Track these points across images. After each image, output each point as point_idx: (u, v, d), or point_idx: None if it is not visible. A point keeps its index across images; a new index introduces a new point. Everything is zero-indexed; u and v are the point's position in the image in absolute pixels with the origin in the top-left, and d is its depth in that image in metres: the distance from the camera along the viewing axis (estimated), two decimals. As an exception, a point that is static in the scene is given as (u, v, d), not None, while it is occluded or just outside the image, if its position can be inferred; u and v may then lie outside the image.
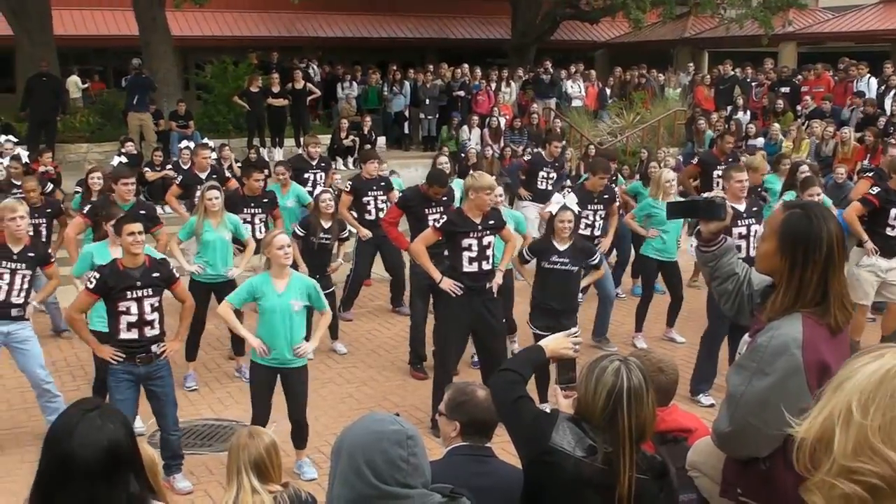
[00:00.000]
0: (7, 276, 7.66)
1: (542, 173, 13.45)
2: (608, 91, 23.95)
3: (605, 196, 10.59)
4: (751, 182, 9.94)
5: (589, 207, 10.41)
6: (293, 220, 10.87)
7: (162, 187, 14.72)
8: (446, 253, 8.11)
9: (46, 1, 20.31)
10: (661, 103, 22.60)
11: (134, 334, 6.80)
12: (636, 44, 30.49)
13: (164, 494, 2.87)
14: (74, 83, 22.92)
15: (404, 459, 2.68)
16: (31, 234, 8.53)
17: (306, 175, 13.07)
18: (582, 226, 10.15)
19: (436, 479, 2.84)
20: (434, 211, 9.47)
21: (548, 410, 3.66)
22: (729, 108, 21.50)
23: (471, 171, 8.39)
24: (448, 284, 7.89)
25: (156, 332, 6.85)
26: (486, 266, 7.97)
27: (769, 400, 3.30)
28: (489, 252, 8.01)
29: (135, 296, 6.80)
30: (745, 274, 3.85)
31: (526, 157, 15.95)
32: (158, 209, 11.49)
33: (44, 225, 10.63)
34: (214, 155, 13.95)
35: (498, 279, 8.21)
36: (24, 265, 7.76)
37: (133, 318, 6.79)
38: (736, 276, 3.84)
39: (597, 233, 10.54)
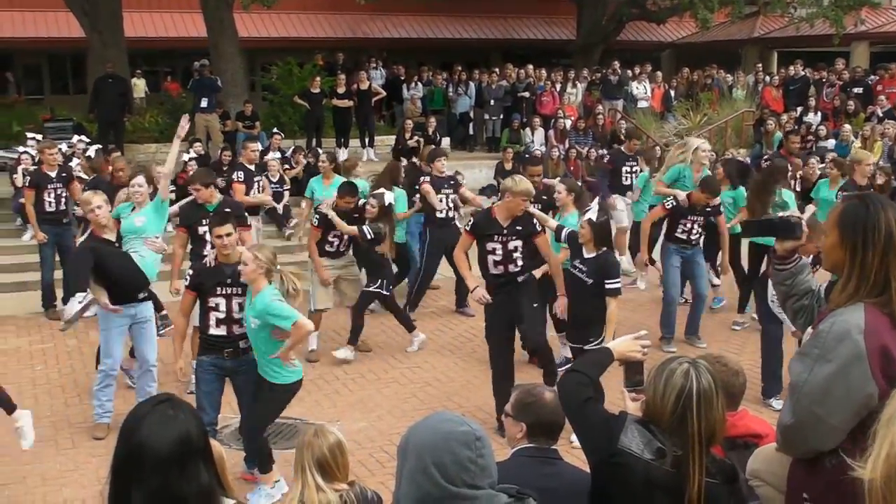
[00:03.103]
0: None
1: (625, 168, 13.70)
2: (673, 92, 23.71)
3: (708, 209, 10.23)
4: (858, 176, 9.85)
5: (689, 217, 10.16)
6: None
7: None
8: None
9: (118, 3, 20.71)
10: (729, 104, 22.26)
11: (222, 331, 6.91)
12: (703, 44, 30.19)
13: (233, 490, 2.89)
14: (140, 85, 23.29)
15: (472, 461, 2.66)
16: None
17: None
18: (679, 230, 10.10)
19: (501, 480, 2.82)
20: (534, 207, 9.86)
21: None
22: (799, 109, 21.12)
23: (513, 176, 8.15)
24: (479, 294, 7.95)
25: (244, 329, 6.87)
26: (512, 269, 7.89)
27: (832, 388, 3.26)
28: (516, 255, 7.88)
29: (224, 292, 6.94)
30: (818, 288, 3.85)
31: (604, 157, 16.00)
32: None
33: None
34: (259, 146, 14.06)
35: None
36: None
37: (221, 315, 6.90)
38: (812, 291, 3.85)
39: (693, 237, 10.27)
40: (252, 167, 12.34)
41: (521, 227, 7.85)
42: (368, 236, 9.72)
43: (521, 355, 9.11)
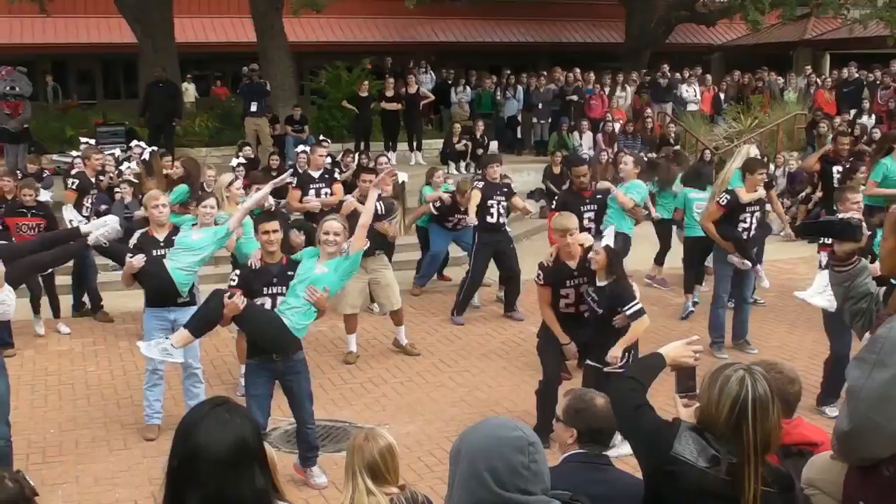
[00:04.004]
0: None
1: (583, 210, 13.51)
2: (723, 95, 23.50)
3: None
4: None
5: (747, 210, 10.06)
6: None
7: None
8: None
9: (169, 9, 20.96)
10: (780, 107, 22.06)
11: None
12: (753, 46, 29.89)
13: (284, 492, 2.90)
14: (190, 90, 23.60)
15: (525, 466, 2.65)
16: None
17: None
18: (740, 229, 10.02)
19: (551, 485, 2.81)
20: (589, 209, 10.31)
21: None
22: (853, 111, 20.81)
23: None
24: (572, 351, 7.83)
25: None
26: (583, 308, 7.67)
27: (891, 394, 3.20)
28: (587, 297, 7.60)
29: (270, 292, 7.04)
30: (877, 292, 3.80)
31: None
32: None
33: None
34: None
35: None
36: (170, 248, 8.06)
37: None
38: (871, 294, 3.79)
39: (752, 233, 10.19)
40: (316, 173, 12.29)
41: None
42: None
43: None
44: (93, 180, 11.83)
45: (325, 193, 12.05)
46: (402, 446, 7.08)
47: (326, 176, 12.31)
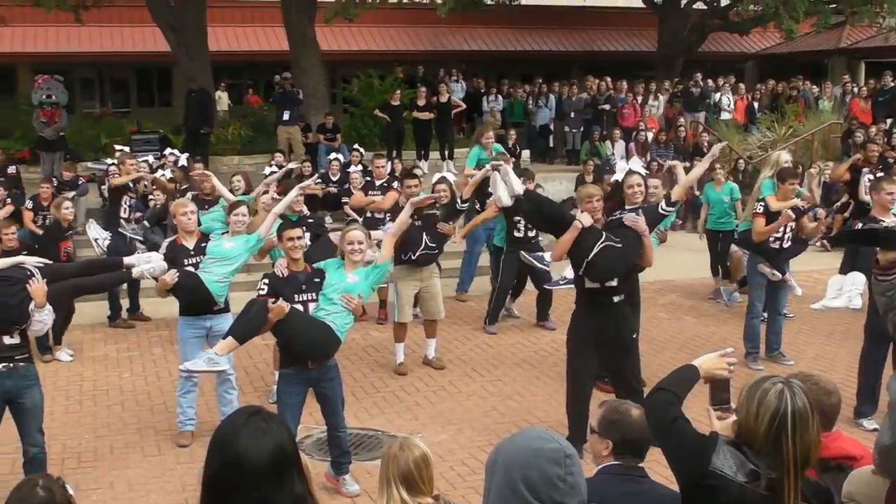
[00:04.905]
0: (192, 269, 7.97)
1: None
2: (757, 104, 23.34)
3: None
4: None
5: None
6: None
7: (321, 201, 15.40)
8: None
9: (203, 18, 21.11)
10: (815, 116, 21.84)
11: None
12: (788, 55, 29.71)
13: (318, 499, 2.90)
14: (223, 98, 23.71)
15: (561, 478, 2.63)
16: None
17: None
18: (771, 239, 9.92)
19: (587, 497, 2.78)
20: None
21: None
22: (889, 120, 20.60)
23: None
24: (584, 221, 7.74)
25: None
26: (609, 284, 7.61)
27: None
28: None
29: (300, 299, 7.03)
30: None
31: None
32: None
33: None
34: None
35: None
36: (202, 256, 8.07)
37: None
38: None
39: (786, 244, 10.10)
40: (378, 182, 12.70)
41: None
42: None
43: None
44: (130, 184, 12.08)
45: None
46: (434, 455, 7.03)
47: (386, 185, 12.56)
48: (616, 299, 7.65)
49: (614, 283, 7.59)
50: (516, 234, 11.35)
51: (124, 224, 11.79)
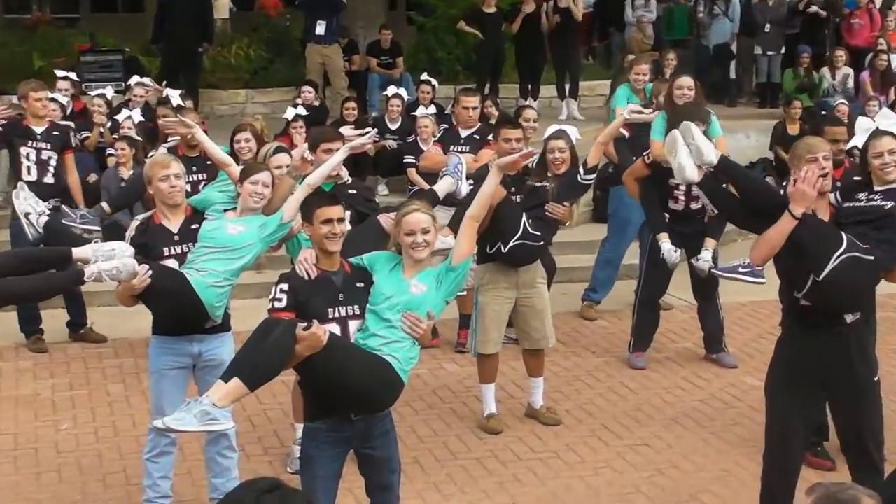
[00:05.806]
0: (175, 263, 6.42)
1: None
2: None
3: None
4: None
5: None
6: None
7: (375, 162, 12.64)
8: None
9: None
10: None
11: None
12: None
13: None
14: (225, 5, 19.54)
15: None
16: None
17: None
18: None
19: None
20: None
21: None
22: None
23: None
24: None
25: None
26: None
27: None
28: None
29: (337, 315, 5.39)
30: None
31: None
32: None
33: None
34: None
35: None
36: (191, 244, 6.47)
37: None
38: None
39: None
40: (465, 132, 10.87)
41: None
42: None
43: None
44: (37, 130, 9.69)
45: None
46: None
47: (477, 137, 10.91)
48: (849, 319, 6.05)
49: None
50: (673, 205, 9.50)
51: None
